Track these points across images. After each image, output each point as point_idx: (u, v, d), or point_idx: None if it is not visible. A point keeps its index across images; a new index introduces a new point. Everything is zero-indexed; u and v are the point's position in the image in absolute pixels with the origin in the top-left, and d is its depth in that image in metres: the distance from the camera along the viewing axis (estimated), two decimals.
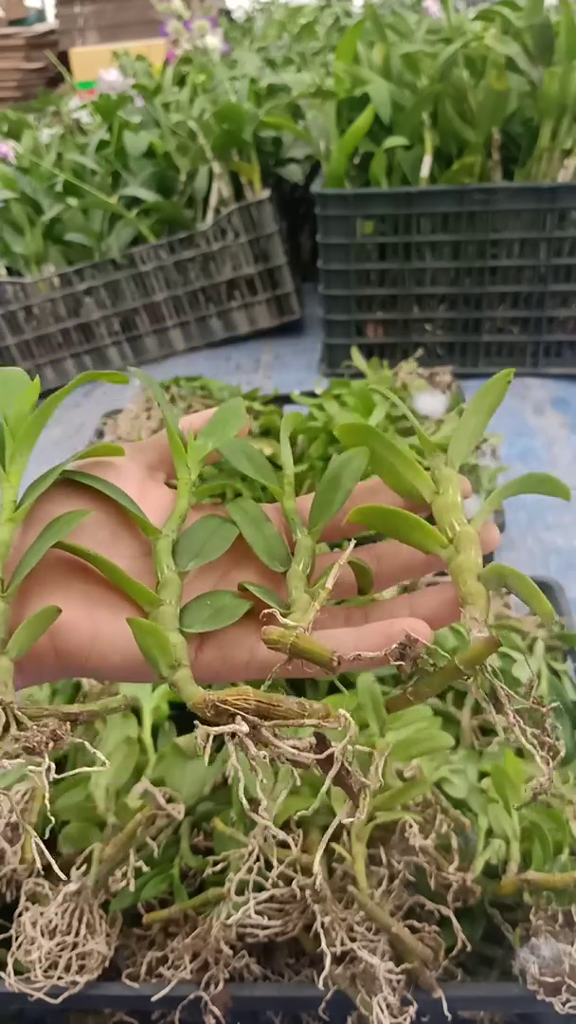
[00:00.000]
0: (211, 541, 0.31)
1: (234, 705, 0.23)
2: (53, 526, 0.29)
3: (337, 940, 0.50)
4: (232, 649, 0.29)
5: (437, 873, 0.54)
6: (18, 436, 0.32)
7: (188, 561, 0.30)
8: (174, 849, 0.59)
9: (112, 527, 0.31)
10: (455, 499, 0.29)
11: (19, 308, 1.70)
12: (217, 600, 0.29)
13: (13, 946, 0.53)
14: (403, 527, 0.28)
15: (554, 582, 0.83)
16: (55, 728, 0.24)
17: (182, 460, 0.33)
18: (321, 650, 0.25)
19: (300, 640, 0.25)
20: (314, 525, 0.31)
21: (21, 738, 0.23)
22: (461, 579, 0.27)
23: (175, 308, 1.75)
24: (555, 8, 1.42)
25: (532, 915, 0.53)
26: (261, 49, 2.40)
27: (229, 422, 0.34)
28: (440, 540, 0.28)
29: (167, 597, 0.28)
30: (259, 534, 0.31)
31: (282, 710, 0.23)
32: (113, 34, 3.57)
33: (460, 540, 0.28)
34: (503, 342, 1.55)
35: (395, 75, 1.46)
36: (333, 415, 1.02)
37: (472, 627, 0.25)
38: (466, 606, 0.26)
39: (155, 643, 0.26)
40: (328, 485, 0.31)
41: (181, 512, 0.31)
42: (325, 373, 1.61)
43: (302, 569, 0.29)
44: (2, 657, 0.26)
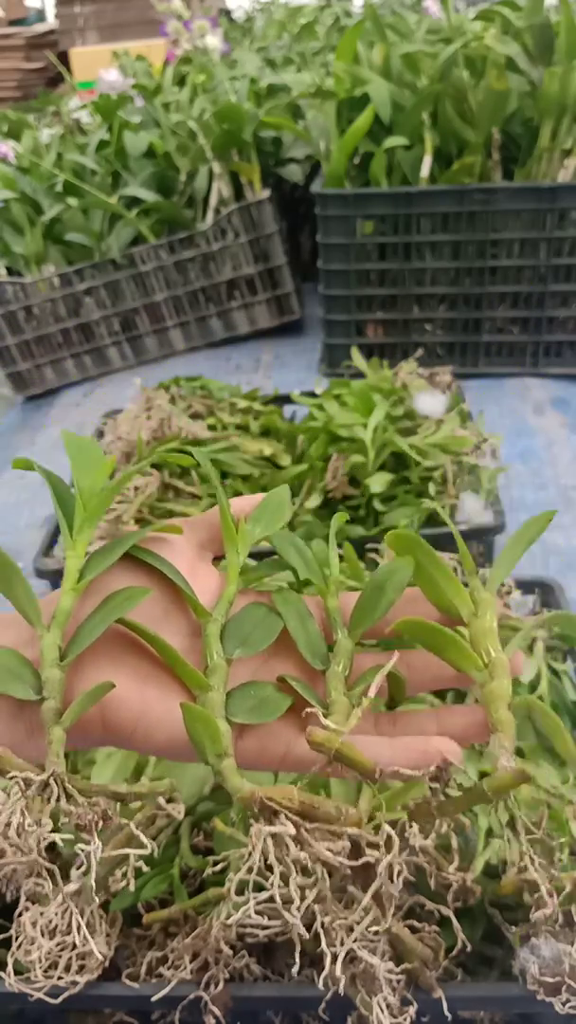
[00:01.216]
0: (257, 631, 0.32)
1: (279, 804, 0.24)
2: (113, 600, 0.29)
3: (337, 940, 0.50)
4: (271, 741, 0.29)
5: (437, 873, 0.54)
6: (90, 508, 0.33)
7: (235, 648, 0.31)
8: (174, 849, 0.59)
9: (165, 605, 0.32)
10: (492, 624, 0.30)
11: (19, 308, 1.70)
12: (260, 691, 0.30)
13: (13, 946, 0.53)
14: (442, 644, 0.29)
15: (554, 582, 0.83)
16: (105, 808, 0.25)
17: (232, 544, 0.34)
18: (365, 761, 0.26)
19: (345, 747, 0.26)
20: (355, 628, 0.32)
21: (73, 815, 0.24)
22: (494, 706, 0.28)
23: (175, 308, 1.75)
24: (555, 8, 1.42)
25: (532, 915, 0.53)
26: (261, 49, 2.40)
27: (276, 510, 0.36)
28: (476, 663, 0.29)
29: (215, 683, 0.29)
30: (302, 629, 0.32)
31: (322, 812, 0.24)
32: (113, 34, 3.57)
33: (495, 667, 0.29)
34: (503, 342, 1.55)
35: (395, 75, 1.46)
36: (333, 415, 1.02)
37: (501, 755, 0.26)
38: (496, 733, 0.27)
39: (205, 731, 0.27)
40: (372, 592, 0.31)
41: (229, 597, 0.32)
42: (325, 373, 1.61)
43: (341, 670, 0.30)
44: (56, 728, 0.27)
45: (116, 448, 1.06)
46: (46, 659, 0.28)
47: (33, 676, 0.28)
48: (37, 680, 0.28)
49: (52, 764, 0.25)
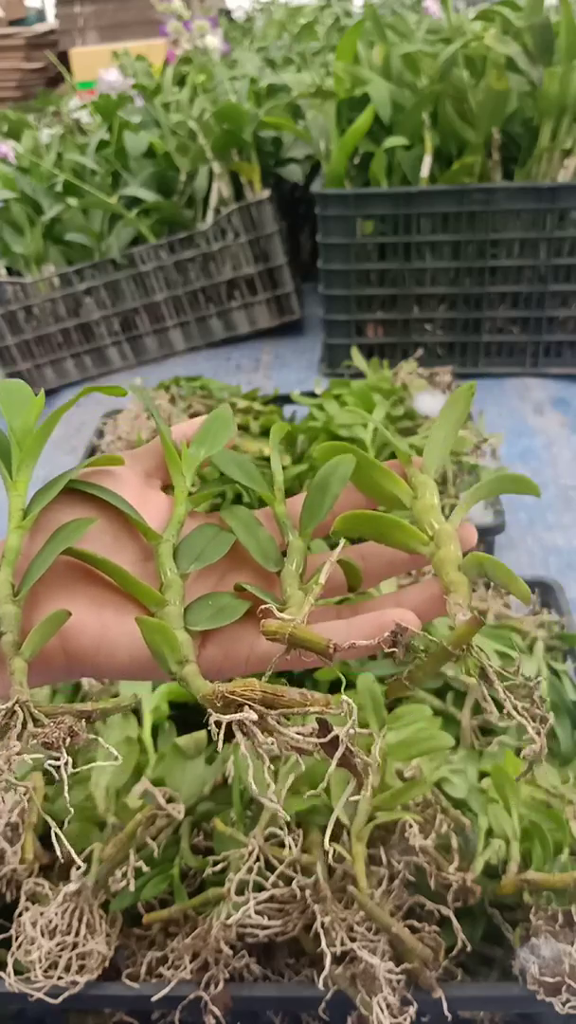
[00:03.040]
0: (210, 546, 0.32)
1: (242, 696, 0.25)
2: (60, 533, 0.30)
3: (337, 940, 0.51)
4: (233, 645, 0.30)
5: (437, 873, 0.54)
6: (24, 447, 0.33)
7: (189, 564, 0.31)
8: (174, 849, 0.59)
9: (114, 533, 0.32)
10: (432, 501, 0.31)
11: (19, 308, 1.70)
12: (218, 600, 0.30)
13: (13, 946, 0.53)
14: (386, 529, 0.30)
15: (554, 582, 0.83)
16: (71, 724, 0.25)
17: (177, 469, 0.35)
18: (318, 638, 0.26)
19: (297, 630, 0.26)
20: (304, 528, 0.32)
21: (39, 734, 0.25)
22: (443, 570, 0.29)
23: (175, 308, 1.75)
24: (555, 8, 1.42)
25: (532, 915, 0.53)
26: (261, 49, 2.40)
27: (219, 431, 0.36)
28: (421, 538, 0.30)
29: (171, 598, 0.30)
30: (253, 538, 0.32)
31: (286, 699, 0.25)
32: (113, 34, 3.57)
33: (440, 537, 0.30)
34: (503, 342, 1.55)
35: (395, 75, 1.46)
36: (333, 415, 1.02)
37: (457, 612, 0.27)
38: (450, 594, 0.28)
39: (163, 640, 0.28)
40: (317, 490, 0.32)
41: (179, 518, 0.33)
42: (325, 373, 1.61)
43: (295, 568, 0.31)
44: (16, 658, 0.27)
45: (116, 448, 1.06)
46: (0, 596, 0.29)
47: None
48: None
49: (16, 692, 0.26)
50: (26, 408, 0.34)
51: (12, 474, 0.33)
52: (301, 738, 0.25)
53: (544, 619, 0.78)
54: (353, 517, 0.30)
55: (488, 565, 0.29)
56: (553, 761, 0.68)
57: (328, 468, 0.32)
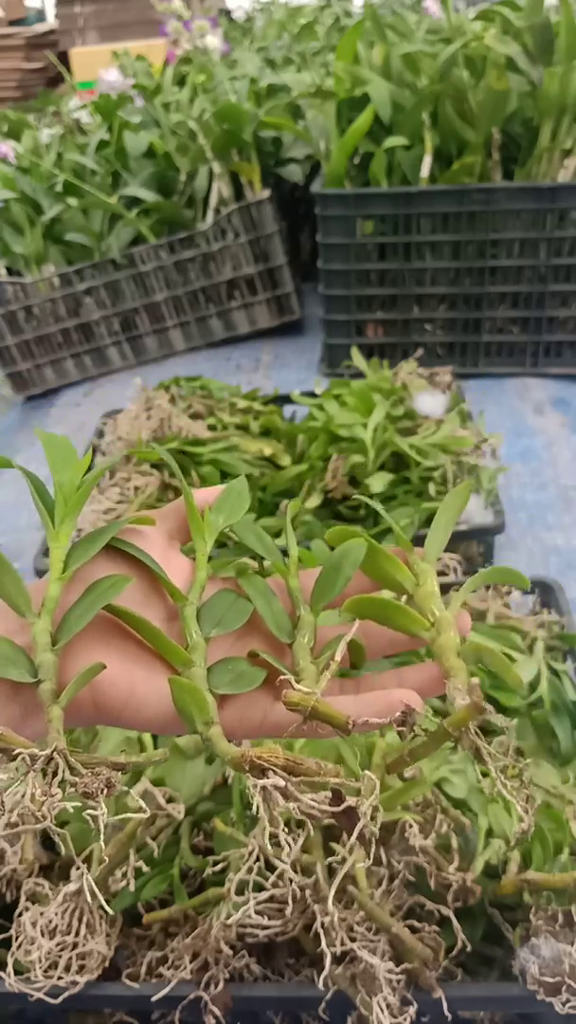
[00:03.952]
0: (229, 612, 0.34)
1: (267, 761, 0.27)
2: (99, 588, 0.32)
3: (337, 940, 0.50)
4: (248, 710, 0.32)
5: (437, 873, 0.54)
6: (69, 502, 0.35)
7: (211, 629, 0.33)
8: (174, 849, 0.59)
9: (144, 591, 0.34)
10: (433, 589, 0.34)
11: (19, 308, 1.70)
12: (236, 666, 0.33)
13: (13, 946, 0.53)
14: (391, 614, 0.33)
15: (554, 582, 0.83)
16: (108, 776, 0.26)
17: (200, 535, 0.37)
18: (338, 714, 0.28)
19: (319, 704, 0.28)
20: (316, 604, 0.35)
21: (79, 784, 0.26)
22: (444, 656, 0.31)
23: (175, 308, 1.75)
24: (555, 8, 1.42)
25: (532, 915, 0.53)
26: (261, 49, 2.40)
27: (237, 501, 0.39)
28: (424, 624, 0.32)
29: (197, 659, 0.32)
30: (268, 607, 0.34)
31: (304, 767, 0.27)
32: (113, 34, 3.57)
33: (440, 624, 0.32)
34: (503, 342, 1.55)
35: (395, 75, 1.46)
36: (333, 415, 1.02)
37: (456, 696, 0.29)
38: (450, 679, 0.30)
39: (192, 701, 0.30)
40: (330, 571, 0.35)
41: (201, 583, 0.35)
42: (325, 373, 1.61)
43: (306, 642, 0.33)
44: (54, 707, 0.29)
45: (116, 448, 1.06)
46: (39, 644, 0.30)
47: (27, 661, 0.30)
48: (31, 664, 0.30)
49: (54, 739, 0.27)
50: (73, 466, 0.36)
51: (56, 526, 0.35)
52: (316, 806, 0.26)
53: (544, 619, 0.78)
54: (364, 601, 0.33)
55: (485, 653, 0.31)
56: (553, 761, 0.68)
57: (341, 552, 0.35)
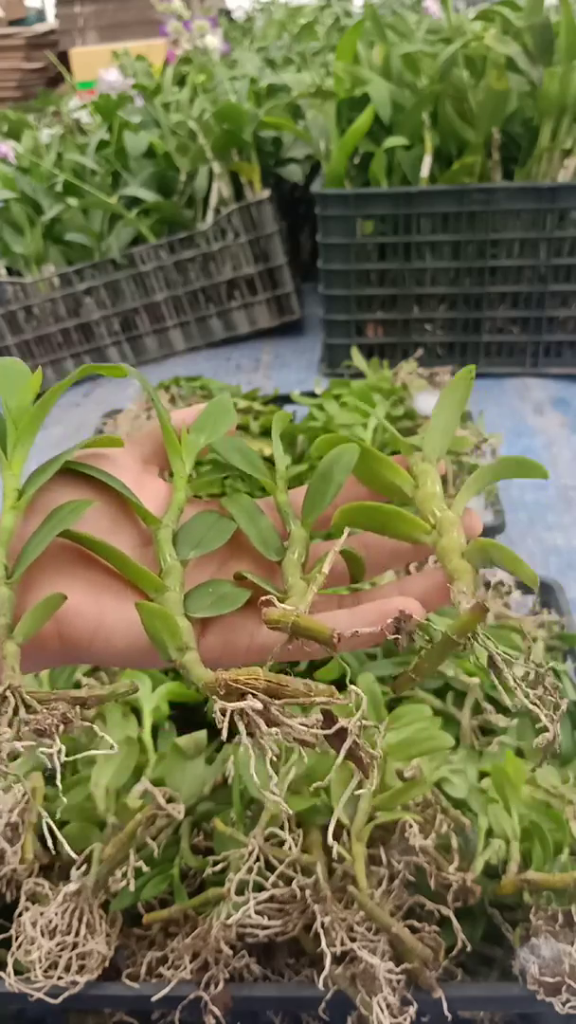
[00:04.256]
0: (210, 533, 0.31)
1: (245, 684, 0.24)
2: (57, 514, 0.29)
3: (337, 940, 0.50)
4: (233, 634, 0.29)
5: (437, 873, 0.54)
6: (20, 426, 0.32)
7: (188, 551, 0.30)
8: (174, 849, 0.59)
9: (112, 516, 0.31)
10: (434, 489, 0.30)
11: (19, 308, 1.70)
12: (218, 588, 0.30)
13: (13, 946, 0.53)
14: (387, 520, 0.30)
15: (554, 582, 0.83)
16: (65, 711, 0.24)
17: (177, 454, 0.34)
18: (321, 627, 0.25)
19: (300, 619, 0.26)
20: (307, 517, 0.32)
21: (32, 721, 0.24)
22: (447, 558, 0.28)
23: (175, 308, 1.75)
24: (555, 8, 1.42)
25: (532, 915, 0.53)
26: (261, 49, 2.40)
27: (220, 418, 0.35)
28: (423, 527, 0.29)
29: (171, 584, 0.29)
30: (254, 526, 0.31)
31: (290, 689, 0.24)
32: (113, 34, 3.57)
33: (442, 524, 0.29)
34: (503, 342, 1.55)
35: (395, 75, 1.46)
36: (333, 415, 1.02)
37: (461, 600, 0.26)
38: (454, 582, 0.27)
39: (164, 626, 0.27)
40: (320, 479, 0.32)
41: (179, 504, 0.32)
42: (325, 373, 1.61)
43: (297, 558, 0.30)
44: (9, 642, 0.26)
45: None
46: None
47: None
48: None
49: (8, 678, 0.25)
50: (22, 386, 0.33)
51: (7, 453, 0.32)
52: (306, 729, 0.24)
53: (544, 619, 0.78)
54: (354, 508, 0.30)
55: (493, 551, 0.28)
56: (553, 761, 0.68)
57: (331, 458, 0.32)
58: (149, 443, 0.35)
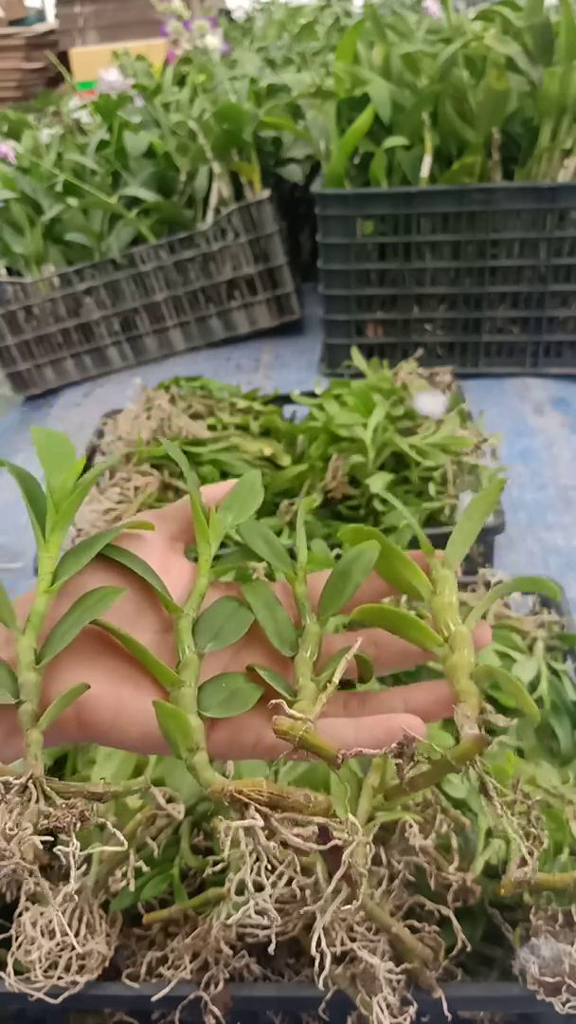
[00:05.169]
0: (228, 624, 0.32)
1: (248, 796, 0.25)
2: (87, 601, 0.30)
3: (337, 940, 0.50)
4: (241, 732, 0.30)
5: (437, 873, 0.54)
6: (61, 509, 0.33)
7: (207, 643, 0.31)
8: (174, 849, 0.59)
9: (137, 602, 0.32)
10: (451, 600, 0.31)
11: (19, 308, 1.70)
12: (231, 683, 0.31)
13: (13, 946, 0.53)
14: (403, 625, 0.30)
15: (554, 582, 0.83)
16: (83, 809, 0.25)
17: (204, 538, 0.35)
18: (327, 747, 0.26)
19: (308, 735, 0.26)
20: (323, 612, 0.32)
21: (52, 816, 0.25)
22: (455, 677, 0.29)
23: (175, 308, 1.75)
24: (555, 8, 1.42)
25: (532, 915, 0.53)
26: (261, 49, 2.40)
27: (248, 497, 0.36)
28: (436, 640, 0.30)
29: (187, 679, 0.30)
30: (271, 617, 0.32)
31: (290, 801, 0.25)
32: (113, 34, 3.56)
33: (455, 640, 0.30)
34: (503, 342, 1.55)
35: (395, 75, 1.46)
36: (333, 415, 1.02)
37: (464, 724, 0.27)
38: (459, 704, 0.28)
39: (176, 727, 0.28)
40: (339, 576, 0.32)
41: (200, 591, 0.33)
42: (325, 373, 1.61)
43: (309, 656, 0.31)
44: (34, 731, 0.27)
45: (116, 448, 1.06)
46: (22, 662, 0.29)
47: (9, 679, 0.29)
48: (13, 683, 0.28)
49: (31, 767, 0.26)
50: (68, 467, 0.34)
51: (46, 535, 0.32)
52: (302, 843, 0.25)
53: (544, 619, 0.78)
54: (372, 611, 0.31)
55: (499, 677, 0.29)
56: (553, 761, 0.68)
57: (352, 555, 0.32)
58: (178, 520, 0.35)
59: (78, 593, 0.30)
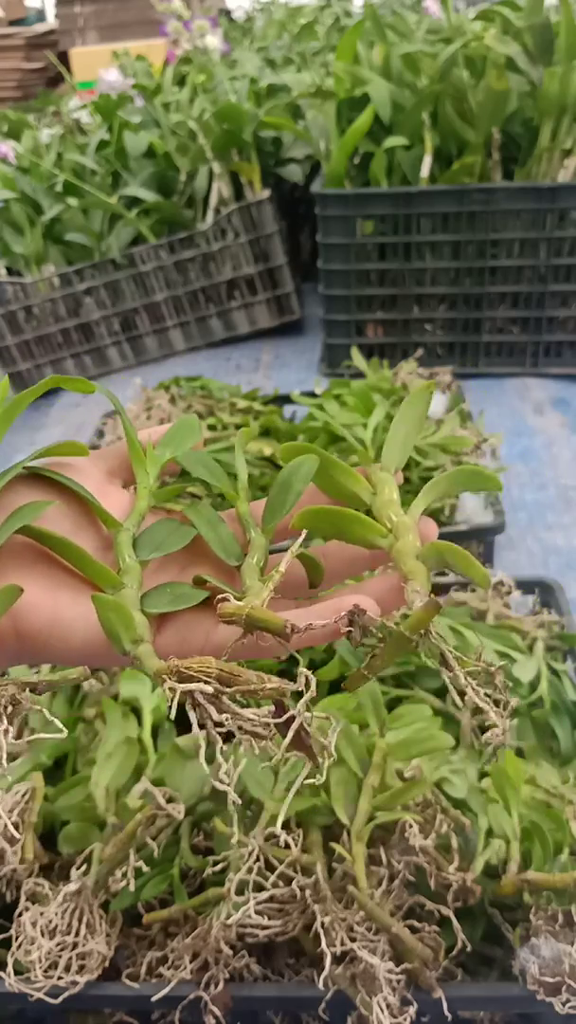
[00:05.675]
0: (170, 537, 0.32)
1: (197, 672, 0.24)
2: (17, 513, 0.29)
3: (337, 940, 0.51)
4: (189, 632, 0.29)
5: (437, 873, 0.54)
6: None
7: (148, 553, 0.31)
8: (174, 849, 0.59)
9: (74, 519, 0.32)
10: (392, 496, 0.31)
11: (19, 308, 1.70)
12: (176, 589, 0.30)
13: (13, 946, 0.53)
14: (345, 523, 0.30)
15: (554, 582, 0.83)
16: (14, 693, 0.25)
17: (141, 465, 0.34)
18: (275, 618, 0.26)
19: (255, 611, 0.26)
20: (267, 524, 0.32)
21: None
22: (402, 560, 0.29)
23: (175, 308, 1.75)
24: (555, 8, 1.42)
25: (532, 915, 0.53)
26: (261, 49, 2.40)
27: (186, 435, 0.36)
28: (380, 530, 0.30)
29: (129, 581, 0.29)
30: (215, 532, 0.32)
31: (242, 679, 0.24)
32: (113, 34, 3.57)
33: (398, 528, 0.30)
34: (503, 342, 1.55)
35: (395, 75, 1.46)
36: (333, 415, 1.02)
37: (415, 598, 0.27)
38: (408, 582, 0.28)
39: (118, 619, 0.27)
40: (280, 488, 0.32)
41: (141, 511, 0.33)
42: (325, 373, 1.61)
43: (255, 562, 0.30)
44: None
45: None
46: None
47: None
48: None
49: None
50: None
51: None
52: (256, 718, 0.24)
53: (544, 619, 0.78)
54: (313, 512, 0.30)
55: (446, 552, 0.28)
56: (553, 761, 0.68)
57: (291, 467, 0.32)
58: (115, 456, 0.35)
59: (9, 510, 0.30)
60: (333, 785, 0.57)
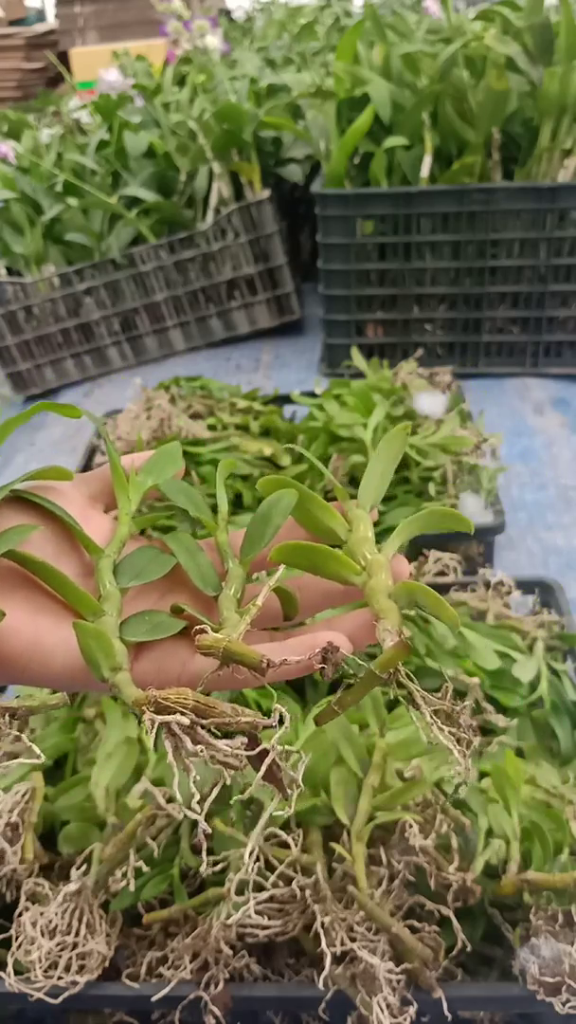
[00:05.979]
0: (150, 566, 0.33)
1: (174, 703, 0.25)
2: (3, 537, 0.30)
3: (337, 940, 0.51)
4: (166, 661, 0.30)
5: (437, 873, 0.54)
6: None
7: (128, 580, 0.32)
8: (174, 849, 0.59)
9: (57, 544, 0.32)
10: (366, 534, 0.32)
11: (19, 308, 1.70)
12: (154, 617, 0.31)
13: (13, 946, 0.53)
14: (320, 559, 0.31)
15: (554, 582, 0.83)
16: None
17: (123, 491, 0.35)
18: (251, 653, 0.27)
19: (232, 644, 0.27)
20: (245, 556, 0.33)
21: None
22: (374, 598, 0.29)
23: (175, 308, 1.75)
24: (555, 8, 1.42)
25: (532, 915, 0.53)
26: (261, 49, 2.40)
27: (167, 462, 0.37)
28: (354, 568, 0.31)
29: (108, 609, 0.30)
30: (193, 562, 0.33)
31: (218, 711, 0.25)
32: (113, 34, 3.57)
33: (371, 567, 0.31)
34: (503, 342, 1.55)
35: (395, 75, 1.46)
36: (333, 415, 1.02)
37: (386, 637, 0.27)
38: (380, 621, 0.28)
39: (98, 646, 0.28)
40: (259, 520, 0.33)
41: (122, 537, 0.33)
42: (325, 373, 1.61)
43: (233, 594, 0.31)
44: None
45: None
46: None
47: None
48: None
49: None
50: None
51: None
52: (229, 750, 0.25)
53: (544, 619, 0.78)
54: (289, 547, 0.31)
55: (417, 592, 0.29)
56: (553, 761, 0.68)
57: (271, 501, 0.33)
58: (97, 482, 0.36)
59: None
60: (333, 785, 0.57)
